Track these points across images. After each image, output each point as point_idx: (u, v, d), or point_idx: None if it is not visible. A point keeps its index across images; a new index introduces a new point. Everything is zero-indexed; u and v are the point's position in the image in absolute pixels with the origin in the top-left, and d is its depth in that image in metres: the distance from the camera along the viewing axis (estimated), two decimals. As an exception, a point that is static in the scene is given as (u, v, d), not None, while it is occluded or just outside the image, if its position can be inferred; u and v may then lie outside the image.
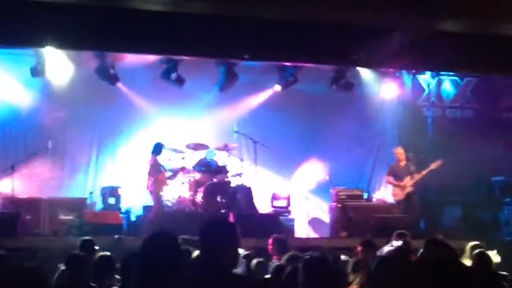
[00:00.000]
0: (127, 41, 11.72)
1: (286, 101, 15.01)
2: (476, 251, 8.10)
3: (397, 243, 8.68)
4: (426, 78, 15.41)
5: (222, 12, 10.75)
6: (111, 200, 13.33)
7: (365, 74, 14.77)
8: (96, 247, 8.41)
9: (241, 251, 7.59)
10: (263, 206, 13.92)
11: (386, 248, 7.26)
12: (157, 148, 13.09)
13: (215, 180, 13.45)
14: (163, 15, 10.71)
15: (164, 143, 13.30)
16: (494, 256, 8.71)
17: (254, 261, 7.93)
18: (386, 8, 9.89)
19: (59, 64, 13.42)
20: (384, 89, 15.05)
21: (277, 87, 15.01)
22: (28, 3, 10.23)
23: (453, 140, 14.45)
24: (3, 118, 13.91)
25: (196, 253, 6.40)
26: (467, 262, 8.01)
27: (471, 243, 8.65)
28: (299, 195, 14.49)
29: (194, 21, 10.96)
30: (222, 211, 12.88)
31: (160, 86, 14.47)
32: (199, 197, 13.22)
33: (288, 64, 14.40)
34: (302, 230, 13.75)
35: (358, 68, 14.44)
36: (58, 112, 14.06)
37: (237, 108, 14.95)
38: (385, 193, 14.85)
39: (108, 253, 7.19)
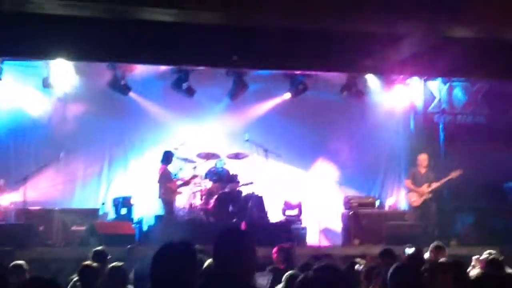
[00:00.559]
0: (136, 52, 11.76)
1: (297, 109, 15.02)
2: (489, 256, 8.03)
3: (409, 250, 8.67)
4: (436, 85, 15.37)
5: (233, 22, 10.75)
6: (123, 210, 13.35)
7: (376, 81, 14.76)
8: (109, 257, 8.42)
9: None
10: (274, 214, 13.91)
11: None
12: (166, 157, 13.12)
13: (226, 189, 13.46)
14: (169, 25, 10.73)
15: (173, 152, 13.33)
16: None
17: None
18: (396, 15, 9.87)
19: (70, 76, 13.51)
20: (394, 96, 15.04)
21: (287, 95, 15.02)
22: (39, 15, 10.28)
23: (464, 147, 14.39)
24: (15, 129, 13.98)
25: (208, 261, 6.39)
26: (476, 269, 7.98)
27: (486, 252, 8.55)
28: (311, 203, 14.45)
29: (201, 31, 10.99)
30: (234, 220, 12.89)
31: (171, 95, 14.52)
32: (210, 206, 13.22)
33: (298, 72, 14.41)
34: (315, 238, 13.71)
35: (369, 75, 14.44)
36: (70, 123, 14.13)
37: (248, 117, 14.97)
38: (397, 199, 14.83)
39: (120, 263, 7.20)
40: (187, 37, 11.18)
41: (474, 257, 8.53)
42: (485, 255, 8.25)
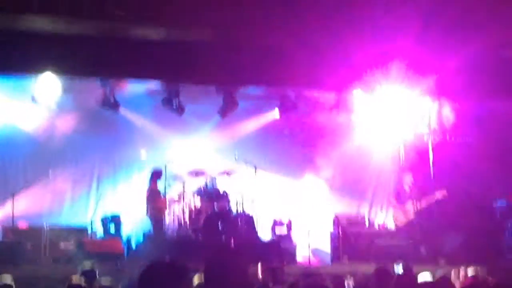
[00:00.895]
0: (126, 68, 11.75)
1: (286, 126, 15.05)
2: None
3: (398, 268, 8.66)
4: (426, 104, 15.40)
5: (223, 39, 10.80)
6: (112, 228, 13.29)
7: (366, 99, 14.79)
8: (97, 276, 8.37)
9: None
10: (264, 233, 13.87)
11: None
12: (155, 174, 13.07)
13: (216, 207, 13.42)
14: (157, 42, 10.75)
15: (162, 169, 13.29)
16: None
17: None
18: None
19: (59, 92, 13.48)
20: (384, 114, 15.05)
21: (277, 113, 15.06)
22: (28, 31, 10.29)
23: (454, 166, 14.42)
24: (4, 145, 13.90)
25: (196, 280, 6.35)
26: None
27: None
28: (301, 221, 14.43)
29: (193, 48, 11.01)
30: (223, 238, 12.83)
31: (161, 112, 14.50)
32: (200, 225, 13.17)
33: (288, 90, 14.45)
34: (304, 257, 13.67)
35: (358, 93, 14.47)
36: (59, 139, 14.08)
37: (238, 135, 14.98)
38: (386, 217, 14.84)
39: (108, 281, 7.15)
40: (176, 54, 11.21)
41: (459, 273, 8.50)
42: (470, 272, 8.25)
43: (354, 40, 10.50)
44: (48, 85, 13.09)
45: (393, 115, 15.09)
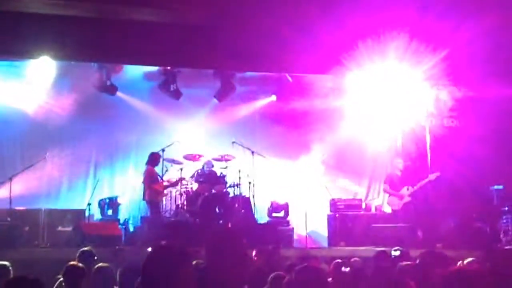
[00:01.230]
0: (122, 51, 11.70)
1: (283, 111, 15.03)
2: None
3: (395, 252, 8.70)
4: (423, 88, 15.39)
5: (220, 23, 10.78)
6: (109, 211, 13.32)
7: (362, 84, 14.76)
8: (95, 258, 8.38)
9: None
10: (261, 216, 13.91)
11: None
12: (153, 158, 13.06)
13: (213, 190, 13.44)
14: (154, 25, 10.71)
15: (160, 154, 13.30)
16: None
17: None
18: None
19: (54, 75, 13.45)
20: (381, 99, 15.04)
21: (273, 98, 15.06)
22: (23, 14, 10.24)
23: (450, 150, 14.43)
24: (0, 129, 13.89)
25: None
26: None
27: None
28: (298, 204, 14.46)
29: (190, 31, 10.98)
30: (220, 221, 12.86)
31: (158, 97, 14.51)
32: (197, 208, 13.19)
33: (286, 74, 14.45)
34: (301, 240, 13.72)
35: (354, 78, 14.44)
36: (56, 123, 14.08)
37: (235, 119, 14.99)
38: (383, 201, 14.87)
39: (106, 264, 7.17)
40: (172, 37, 11.16)
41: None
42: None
43: (351, 25, 10.48)
44: (43, 68, 13.08)
45: (390, 100, 15.08)
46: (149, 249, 6.71)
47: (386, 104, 15.06)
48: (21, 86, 13.72)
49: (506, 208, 13.41)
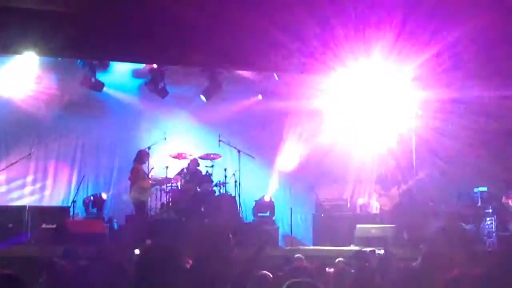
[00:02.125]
0: (108, 48, 11.63)
1: (268, 111, 15.03)
2: None
3: (379, 252, 8.73)
4: (408, 88, 15.42)
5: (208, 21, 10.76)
6: (94, 209, 13.27)
7: (351, 85, 14.78)
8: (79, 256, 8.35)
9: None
10: (247, 215, 13.91)
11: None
12: (140, 156, 13.01)
13: (199, 189, 13.42)
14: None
15: (146, 151, 13.25)
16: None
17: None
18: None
19: (41, 72, 13.37)
20: (368, 100, 15.06)
21: (260, 97, 15.08)
22: (6, 9, 10.16)
23: (436, 152, 14.49)
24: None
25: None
26: None
27: None
28: (284, 204, 14.47)
29: (178, 29, 10.94)
30: (206, 220, 12.84)
31: (145, 94, 14.47)
32: (182, 206, 13.16)
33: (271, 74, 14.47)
34: (286, 239, 13.73)
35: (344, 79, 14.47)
36: (42, 119, 14.01)
37: (221, 118, 14.95)
38: (368, 201, 14.90)
39: (90, 261, 7.14)
40: (160, 35, 11.13)
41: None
42: None
43: (337, 27, 10.51)
44: (28, 64, 12.99)
45: (377, 101, 15.11)
46: (136, 249, 6.70)
47: (373, 105, 15.10)
48: (4, 81, 13.57)
49: (490, 210, 13.46)
